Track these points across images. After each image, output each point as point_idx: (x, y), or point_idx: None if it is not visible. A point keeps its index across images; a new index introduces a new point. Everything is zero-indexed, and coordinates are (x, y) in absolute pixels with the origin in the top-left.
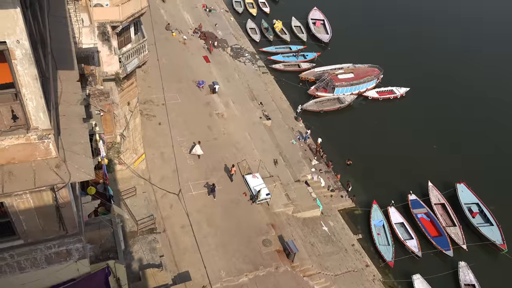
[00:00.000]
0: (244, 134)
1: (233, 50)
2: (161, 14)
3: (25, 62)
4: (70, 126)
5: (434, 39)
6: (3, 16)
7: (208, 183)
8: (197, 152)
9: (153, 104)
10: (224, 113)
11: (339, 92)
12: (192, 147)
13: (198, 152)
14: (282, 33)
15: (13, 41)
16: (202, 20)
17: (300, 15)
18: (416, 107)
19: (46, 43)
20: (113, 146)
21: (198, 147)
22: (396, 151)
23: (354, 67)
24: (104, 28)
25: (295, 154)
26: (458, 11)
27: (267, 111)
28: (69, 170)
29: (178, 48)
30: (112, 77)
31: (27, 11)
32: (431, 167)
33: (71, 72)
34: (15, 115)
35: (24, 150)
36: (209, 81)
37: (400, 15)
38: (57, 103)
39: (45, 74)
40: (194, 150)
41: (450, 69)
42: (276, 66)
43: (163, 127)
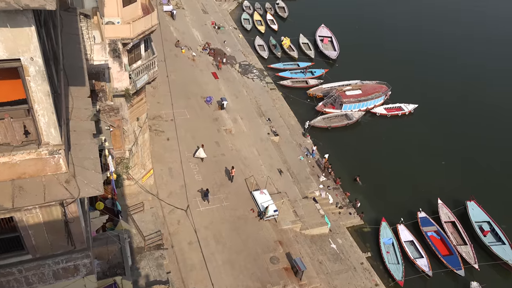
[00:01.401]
0: (251, 150)
1: (242, 67)
2: (171, 31)
3: (38, 79)
4: (80, 142)
5: (442, 56)
6: (18, 34)
7: (203, 188)
8: (200, 155)
9: (162, 120)
10: (232, 129)
11: (347, 109)
12: (196, 151)
13: (202, 155)
14: (290, 50)
15: (27, 58)
16: (211, 37)
17: (307, 32)
18: (425, 124)
19: (58, 60)
20: (122, 161)
21: (202, 151)
22: (405, 167)
23: (362, 84)
24: (115, 45)
25: (303, 170)
26: (466, 29)
27: (275, 127)
28: (78, 185)
29: (187, 65)
30: (122, 93)
31: (41, 29)
32: (440, 184)
33: (82, 88)
34: (27, 130)
35: (35, 165)
36: (218, 97)
37: (407, 33)
38: (68, 118)
39: (57, 90)
40: (198, 153)
41: (458, 86)
42: (284, 82)
43: (172, 143)
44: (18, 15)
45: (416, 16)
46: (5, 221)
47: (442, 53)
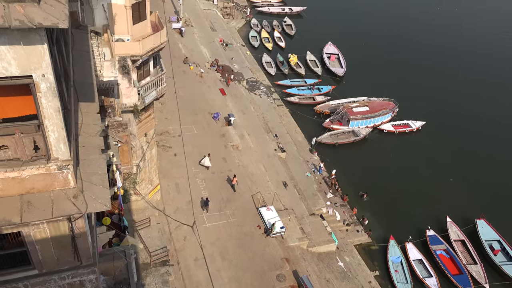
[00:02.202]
0: (258, 166)
1: (249, 83)
2: (179, 48)
3: (49, 95)
4: (88, 157)
5: (449, 73)
6: (31, 52)
7: (203, 198)
8: (205, 164)
9: (169, 136)
10: (239, 145)
11: (354, 125)
12: (201, 159)
13: (206, 163)
14: (297, 66)
15: (39, 75)
16: (219, 54)
17: (315, 49)
18: (432, 141)
19: (69, 76)
20: (129, 176)
21: (207, 159)
22: (413, 184)
23: (369, 101)
24: (124, 61)
25: (310, 187)
26: (473, 45)
27: (282, 143)
28: (86, 201)
29: (195, 81)
30: (131, 109)
31: (53, 46)
32: (449, 201)
33: (91, 104)
34: (37, 145)
35: (43, 180)
36: (225, 113)
37: (414, 50)
38: (77, 134)
39: (67, 106)
40: (203, 161)
41: (466, 102)
42: (291, 99)
43: (179, 158)
44: (31, 33)
45: (423, 34)
46: (12, 235)
47: (450, 70)
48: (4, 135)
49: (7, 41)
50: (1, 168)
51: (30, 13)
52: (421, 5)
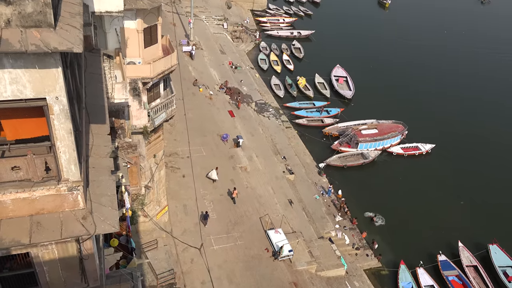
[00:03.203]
0: (267, 188)
1: (258, 105)
2: (189, 71)
3: (62, 117)
4: (98, 178)
5: (459, 96)
6: (46, 75)
7: (203, 211)
8: (212, 177)
9: (178, 157)
10: (248, 167)
11: (363, 148)
12: (209, 172)
13: (213, 176)
14: (305, 89)
15: (52, 98)
16: (228, 76)
17: (323, 72)
18: (442, 164)
19: (81, 98)
20: (138, 198)
21: (214, 172)
22: (423, 208)
23: (378, 123)
24: (135, 84)
25: (318, 209)
26: (482, 69)
27: (290, 166)
28: (95, 222)
29: (204, 103)
30: (140, 131)
31: (67, 69)
32: (460, 225)
33: (102, 126)
34: (48, 166)
35: (53, 201)
36: (234, 135)
37: (423, 72)
38: (88, 155)
39: (79, 128)
40: (210, 174)
41: (476, 125)
42: (300, 121)
43: (187, 180)
44: (46, 57)
45: (430, 56)
46: (21, 256)
47: (459, 92)
48: (16, 156)
49: (23, 65)
50: (13, 188)
51: (46, 38)
52: (428, 28)
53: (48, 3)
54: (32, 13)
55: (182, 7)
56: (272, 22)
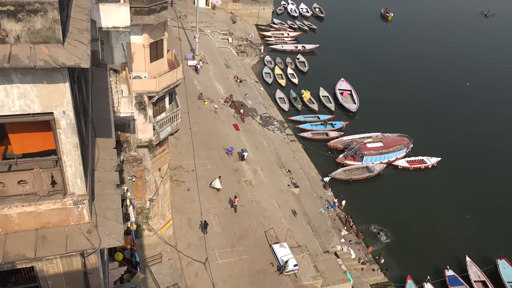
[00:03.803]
0: (271, 202)
1: (262, 119)
2: (194, 85)
3: (69, 131)
4: (103, 192)
5: (464, 108)
6: (53, 90)
7: (202, 221)
8: (216, 186)
9: (183, 170)
10: (252, 180)
11: (368, 161)
12: (212, 181)
13: (217, 186)
14: (310, 102)
15: (59, 112)
16: (233, 90)
17: (327, 85)
18: (448, 177)
19: (88, 112)
20: (142, 211)
21: (218, 181)
22: (429, 222)
23: (383, 136)
24: (141, 98)
25: (323, 223)
26: (488, 81)
27: (295, 179)
28: (100, 236)
29: (209, 116)
30: (146, 144)
31: (74, 84)
32: (468, 240)
33: (108, 140)
34: (54, 180)
35: (59, 215)
36: (238, 148)
37: (427, 85)
38: (94, 169)
39: (85, 142)
40: (214, 183)
41: (482, 138)
42: (305, 134)
43: (192, 193)
44: (54, 72)
45: (435, 69)
46: (26, 270)
47: (465, 105)
48: (23, 170)
49: (31, 80)
50: (19, 202)
51: (54, 54)
52: (431, 41)
53: (57, 20)
54: (41, 30)
55: (188, 22)
56: (276, 37)
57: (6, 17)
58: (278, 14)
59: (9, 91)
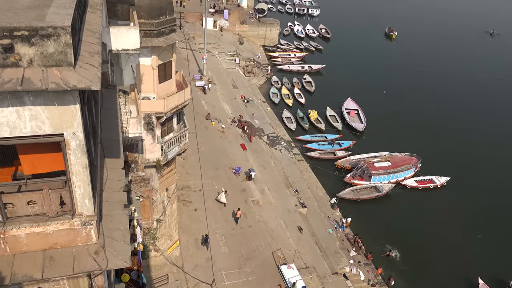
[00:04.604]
0: (279, 222)
1: (270, 138)
2: (202, 105)
3: (78, 152)
4: (111, 212)
5: (474, 127)
6: (64, 112)
7: (203, 235)
8: (221, 200)
9: (190, 190)
10: (260, 200)
11: (376, 181)
12: (218, 195)
13: (222, 200)
14: (317, 122)
15: (69, 133)
16: (240, 110)
17: (334, 105)
18: (458, 197)
19: (97, 133)
20: (149, 232)
21: (223, 196)
22: (439, 242)
23: (391, 156)
24: (149, 118)
25: (332, 244)
26: (496, 99)
27: (303, 199)
28: (107, 257)
29: (216, 136)
30: (153, 164)
31: (84, 106)
32: (479, 260)
33: (117, 160)
34: (63, 201)
35: (67, 236)
36: (246, 168)
37: (435, 104)
38: (102, 189)
39: (94, 163)
40: (219, 197)
41: (493, 157)
42: (312, 154)
43: (199, 213)
44: (65, 95)
45: (442, 89)
46: None
47: (474, 123)
48: (33, 191)
49: (43, 102)
50: (27, 223)
51: (66, 77)
52: (436, 60)
53: (69, 44)
54: (54, 53)
55: (196, 43)
56: (283, 57)
57: (20, 42)
58: (284, 35)
59: (21, 113)
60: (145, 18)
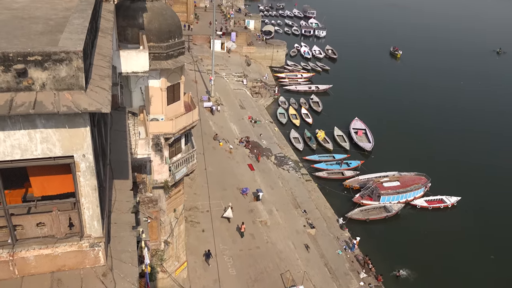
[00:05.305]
0: (287, 243)
1: (277, 159)
2: (210, 126)
3: (88, 174)
4: (119, 234)
5: (483, 146)
6: (74, 134)
7: (206, 250)
8: (229, 215)
9: (198, 211)
10: (268, 221)
11: (385, 200)
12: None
13: (230, 215)
14: (325, 142)
15: (79, 155)
16: (248, 130)
17: (342, 125)
18: (469, 217)
19: (106, 155)
20: (157, 253)
21: (230, 211)
22: (451, 264)
23: (400, 175)
24: (157, 139)
25: (341, 265)
26: (503, 119)
27: (311, 219)
28: (115, 279)
29: (224, 157)
30: (161, 185)
31: (94, 128)
32: (493, 282)
33: (125, 181)
34: (71, 223)
35: (75, 258)
36: (253, 188)
37: (444, 123)
38: (110, 211)
39: (103, 184)
40: (227, 213)
41: (503, 176)
42: (320, 174)
43: (206, 234)
44: (76, 117)
45: (448, 107)
46: None
47: (483, 142)
48: (42, 212)
49: (54, 125)
50: (36, 245)
51: (77, 100)
52: (442, 78)
53: (81, 68)
54: (66, 77)
55: (204, 65)
56: (290, 78)
57: (34, 66)
58: (291, 56)
59: (32, 136)
60: (154, 42)
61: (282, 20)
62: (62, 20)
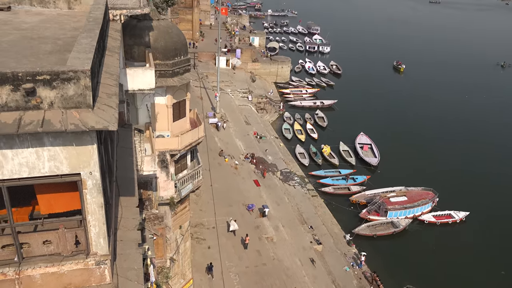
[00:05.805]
0: (294, 260)
1: (283, 174)
2: (215, 142)
3: (94, 191)
4: (125, 251)
5: (490, 160)
6: (82, 152)
7: (208, 264)
8: (235, 228)
9: (204, 227)
10: (274, 237)
11: (393, 216)
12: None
13: (235, 227)
14: (330, 157)
15: (86, 173)
16: (253, 146)
17: (347, 140)
18: (478, 232)
19: (112, 172)
20: (162, 270)
21: (235, 223)
22: (461, 280)
23: (407, 190)
24: (163, 156)
25: (349, 282)
26: (510, 133)
27: (318, 235)
28: None
29: (229, 173)
30: (167, 202)
31: (101, 145)
32: None
33: (131, 198)
34: (78, 240)
35: (81, 276)
36: (259, 204)
37: (448, 136)
38: (116, 228)
39: (109, 201)
40: (232, 227)
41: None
42: (326, 189)
43: (212, 251)
44: (83, 135)
45: (455, 120)
46: None
47: (490, 156)
48: (48, 230)
49: (61, 143)
50: (42, 263)
51: (84, 118)
52: (447, 92)
53: (88, 86)
54: (73, 96)
55: (209, 81)
56: (295, 93)
57: (42, 85)
58: (296, 72)
59: (40, 154)
60: (160, 59)
61: (286, 36)
62: (70, 40)
